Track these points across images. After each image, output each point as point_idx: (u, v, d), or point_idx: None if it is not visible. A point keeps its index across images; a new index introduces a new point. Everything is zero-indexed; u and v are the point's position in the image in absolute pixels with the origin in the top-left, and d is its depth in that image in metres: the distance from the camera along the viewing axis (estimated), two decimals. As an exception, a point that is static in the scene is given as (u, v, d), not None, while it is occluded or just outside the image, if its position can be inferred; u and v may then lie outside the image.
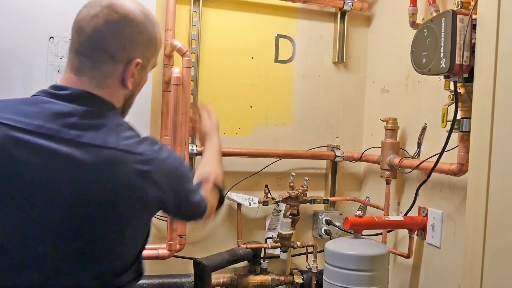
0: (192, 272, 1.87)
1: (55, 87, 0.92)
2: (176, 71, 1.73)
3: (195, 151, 1.99)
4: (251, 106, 2.18)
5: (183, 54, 1.77)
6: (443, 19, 1.33)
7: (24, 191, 0.84)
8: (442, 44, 1.33)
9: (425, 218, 1.74)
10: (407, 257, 1.80)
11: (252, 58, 2.18)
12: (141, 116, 1.77)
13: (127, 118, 1.01)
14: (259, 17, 2.18)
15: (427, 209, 1.74)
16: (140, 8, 0.98)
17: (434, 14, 1.60)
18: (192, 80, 2.00)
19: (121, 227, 0.91)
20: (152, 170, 0.91)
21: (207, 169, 1.17)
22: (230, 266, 2.00)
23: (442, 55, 1.33)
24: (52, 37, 1.78)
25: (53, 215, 0.84)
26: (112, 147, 0.87)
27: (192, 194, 1.03)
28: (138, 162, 0.89)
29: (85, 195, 0.85)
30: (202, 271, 1.82)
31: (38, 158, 0.84)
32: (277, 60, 2.21)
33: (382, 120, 1.93)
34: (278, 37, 2.21)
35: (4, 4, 1.61)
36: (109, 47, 0.93)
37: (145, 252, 1.79)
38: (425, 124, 1.79)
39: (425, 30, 1.42)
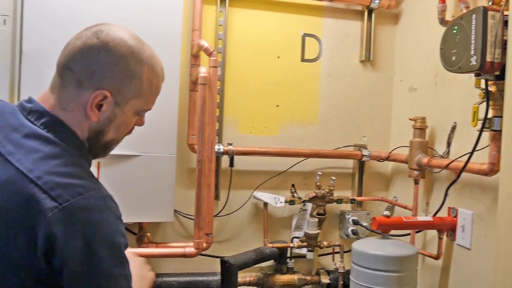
0: (219, 270, 1.89)
1: (28, 98, 0.92)
2: (203, 71, 1.75)
3: (221, 150, 2.00)
4: (277, 106, 2.18)
5: (209, 54, 1.79)
6: (474, 15, 1.31)
7: None
8: (473, 41, 1.31)
9: (455, 218, 1.71)
10: (436, 258, 1.77)
11: (278, 57, 2.18)
12: (168, 116, 1.80)
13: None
14: (285, 16, 2.18)
15: (457, 210, 1.71)
16: (133, 43, 0.92)
17: (464, 11, 1.57)
18: (218, 80, 2.02)
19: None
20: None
21: None
22: (257, 265, 2.00)
23: (472, 52, 1.31)
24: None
25: None
26: (33, 180, 0.80)
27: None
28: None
29: None
30: (228, 270, 1.83)
31: None
32: (303, 59, 2.21)
33: (410, 119, 1.91)
34: (304, 36, 2.20)
35: (43, 8, 1.66)
36: (77, 70, 0.89)
37: (173, 250, 1.84)
38: (455, 123, 1.75)
39: (455, 27, 1.40)
